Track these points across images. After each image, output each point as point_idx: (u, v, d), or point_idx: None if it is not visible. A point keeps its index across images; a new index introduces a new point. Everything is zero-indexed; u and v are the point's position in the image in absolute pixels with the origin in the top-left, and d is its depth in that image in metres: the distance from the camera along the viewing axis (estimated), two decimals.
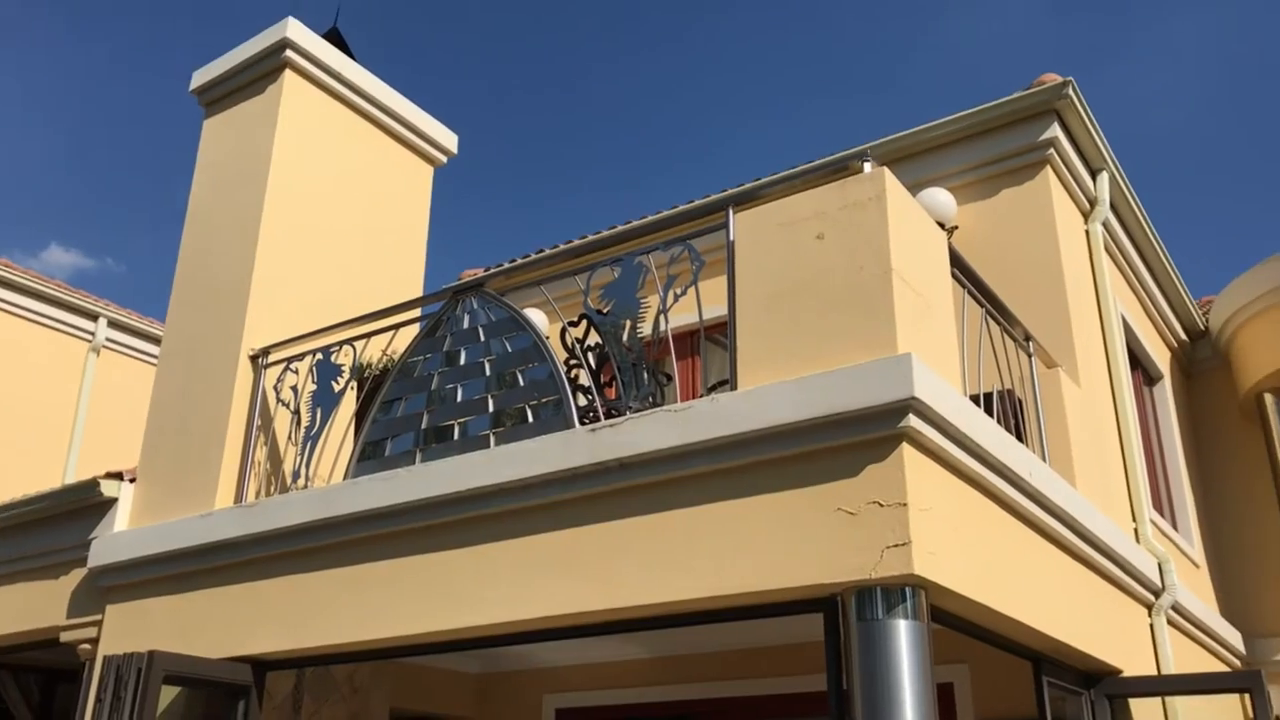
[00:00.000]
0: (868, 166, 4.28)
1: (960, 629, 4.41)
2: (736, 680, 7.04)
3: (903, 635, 3.70)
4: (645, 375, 4.77)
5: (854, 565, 3.76)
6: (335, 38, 7.50)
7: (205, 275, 6.87)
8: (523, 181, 32.36)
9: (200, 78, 7.49)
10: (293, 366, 6.19)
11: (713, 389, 5.86)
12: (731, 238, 4.51)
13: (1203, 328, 10.08)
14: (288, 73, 7.09)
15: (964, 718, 6.23)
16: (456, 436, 5.20)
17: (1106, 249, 8.02)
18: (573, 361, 5.19)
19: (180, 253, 7.15)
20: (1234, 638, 8.55)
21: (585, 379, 5.13)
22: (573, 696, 7.76)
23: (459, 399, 5.28)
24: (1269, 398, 9.27)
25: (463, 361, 5.35)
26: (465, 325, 5.42)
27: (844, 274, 4.12)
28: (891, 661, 3.69)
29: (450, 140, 8.24)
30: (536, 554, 4.55)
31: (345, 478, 5.49)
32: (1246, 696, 5.47)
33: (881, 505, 3.77)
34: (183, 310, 6.91)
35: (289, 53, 7.03)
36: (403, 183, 7.87)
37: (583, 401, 5.10)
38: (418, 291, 7.64)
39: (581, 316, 5.10)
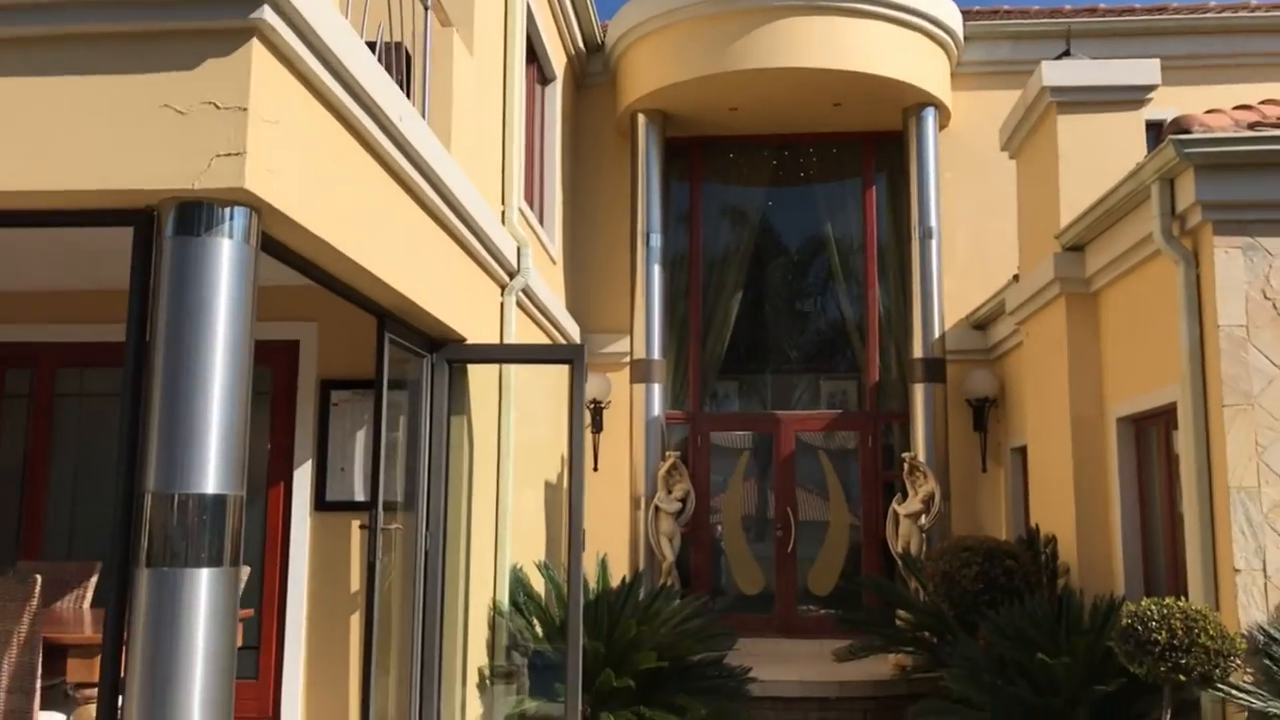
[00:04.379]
0: None
1: (300, 269, 4.09)
2: (43, 324, 6.22)
3: (225, 256, 3.27)
4: None
5: (176, 172, 3.21)
6: None
7: None
8: None
9: None
10: None
11: None
12: None
13: (600, 43, 10.48)
14: None
15: (306, 376, 6.10)
16: None
17: None
18: None
19: None
20: (574, 329, 9.43)
21: None
22: None
23: None
24: (641, 118, 10.01)
25: None
26: None
27: None
28: (209, 286, 3.25)
29: None
30: None
31: None
32: (569, 368, 5.95)
33: (218, 107, 3.22)
34: None
35: None
36: None
37: None
38: None
39: None
